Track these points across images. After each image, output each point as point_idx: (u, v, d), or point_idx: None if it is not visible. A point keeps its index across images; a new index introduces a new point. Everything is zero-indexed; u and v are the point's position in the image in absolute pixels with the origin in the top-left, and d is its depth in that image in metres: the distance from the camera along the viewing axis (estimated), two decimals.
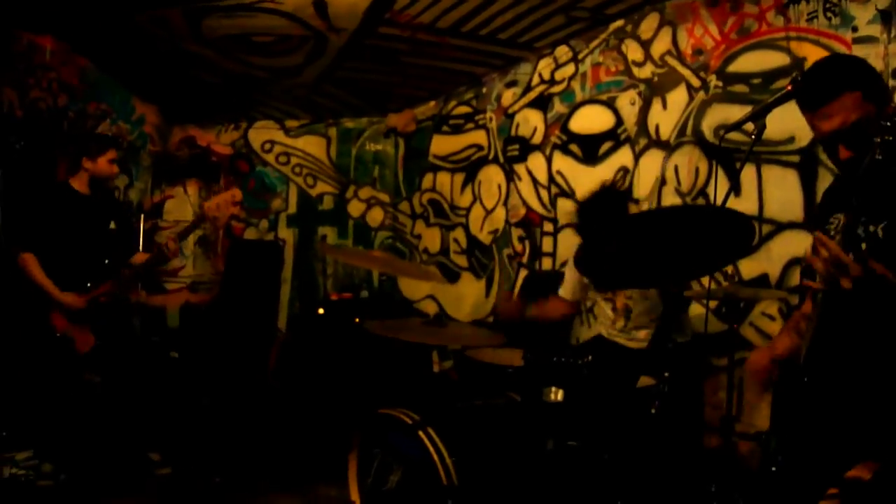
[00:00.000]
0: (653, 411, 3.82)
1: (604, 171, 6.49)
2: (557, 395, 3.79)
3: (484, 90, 7.89)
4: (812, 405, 2.77)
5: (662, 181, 6.04)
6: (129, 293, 5.84)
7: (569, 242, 6.82)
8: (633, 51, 6.34)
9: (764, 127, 2.90)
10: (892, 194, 2.60)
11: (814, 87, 2.83)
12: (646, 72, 6.23)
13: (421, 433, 3.77)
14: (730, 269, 5.49)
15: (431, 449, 3.71)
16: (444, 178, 8.36)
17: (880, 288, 2.53)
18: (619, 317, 5.17)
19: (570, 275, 5.47)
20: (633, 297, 5.10)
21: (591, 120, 6.74)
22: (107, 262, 5.49)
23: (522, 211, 7.39)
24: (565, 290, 5.50)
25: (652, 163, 6.12)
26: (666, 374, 3.84)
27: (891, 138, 2.36)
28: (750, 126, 3.01)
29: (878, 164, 2.41)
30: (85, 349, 5.31)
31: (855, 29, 4.89)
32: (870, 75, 2.86)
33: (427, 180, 8.57)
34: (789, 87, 2.87)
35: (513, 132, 7.53)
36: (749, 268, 5.42)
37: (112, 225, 5.65)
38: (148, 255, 5.62)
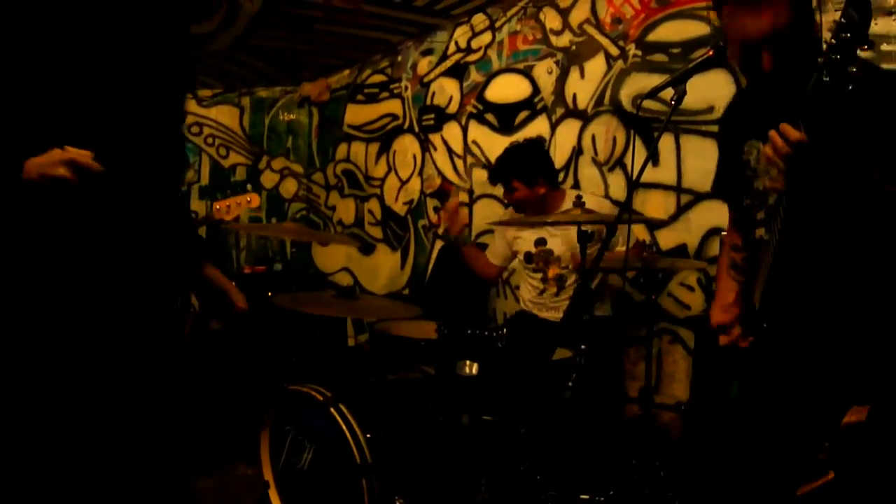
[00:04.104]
0: (570, 384, 3.77)
1: None
2: (472, 368, 3.72)
3: (399, 58, 7.78)
4: (777, 352, 2.64)
5: (579, 151, 5.98)
6: None
7: (484, 213, 6.75)
8: (551, 19, 6.26)
9: (684, 93, 2.78)
10: (840, 121, 2.33)
11: None
12: (564, 40, 6.15)
13: (332, 410, 3.68)
14: (648, 238, 5.46)
15: (343, 426, 3.62)
16: (358, 148, 8.26)
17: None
18: (549, 286, 5.11)
19: (498, 241, 5.49)
20: (569, 266, 5.04)
21: (507, 89, 6.65)
22: None
23: (438, 181, 7.31)
24: (493, 256, 5.54)
25: (569, 132, 6.04)
26: (582, 347, 3.78)
27: (838, 57, 2.15)
28: (669, 92, 2.91)
29: (824, 86, 2.18)
30: None
31: None
32: None
33: (341, 150, 8.46)
34: (710, 53, 2.77)
35: (428, 101, 7.43)
36: (667, 238, 5.39)
37: None
38: None
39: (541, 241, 5.14)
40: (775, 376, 2.66)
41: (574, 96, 6.05)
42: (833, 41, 2.14)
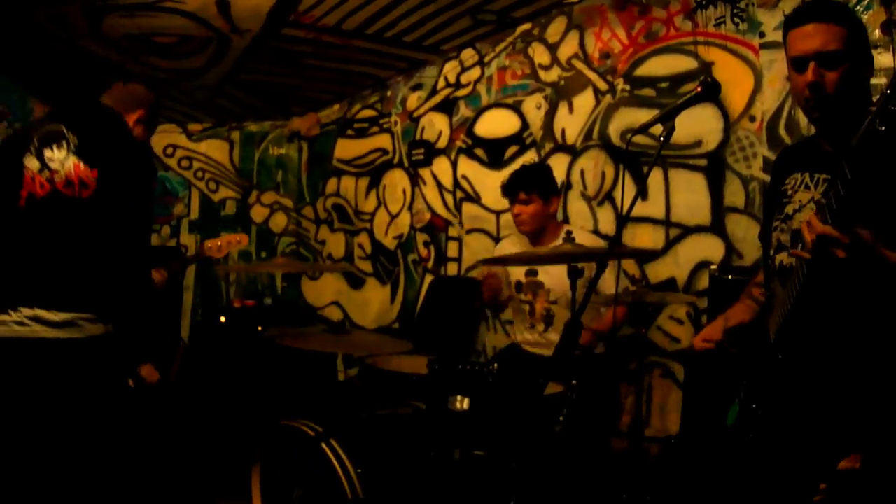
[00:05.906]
0: (561, 419, 3.77)
1: None
2: (463, 403, 3.71)
3: (389, 93, 7.81)
4: (787, 385, 2.64)
5: (568, 185, 6.01)
6: None
7: (474, 247, 6.76)
8: (539, 54, 6.30)
9: (673, 129, 2.81)
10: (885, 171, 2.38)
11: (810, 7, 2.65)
12: (552, 75, 6.19)
13: (323, 445, 3.67)
14: (637, 273, 5.47)
15: (335, 461, 3.60)
16: (348, 183, 8.26)
17: (869, 258, 2.34)
18: (538, 321, 5.11)
19: None
20: (558, 301, 5.03)
21: (496, 124, 6.69)
22: None
23: (427, 216, 7.32)
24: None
25: (558, 166, 6.02)
26: (573, 382, 3.78)
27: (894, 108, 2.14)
28: (658, 128, 2.93)
29: (876, 135, 2.18)
30: None
31: (762, 34, 4.91)
32: (860, 24, 2.69)
33: (331, 185, 8.47)
34: (699, 89, 2.79)
35: (418, 136, 7.46)
36: (656, 271, 5.41)
37: None
38: None
39: (532, 272, 5.13)
40: (784, 409, 2.67)
41: (563, 131, 6.09)
42: (890, 91, 2.15)
